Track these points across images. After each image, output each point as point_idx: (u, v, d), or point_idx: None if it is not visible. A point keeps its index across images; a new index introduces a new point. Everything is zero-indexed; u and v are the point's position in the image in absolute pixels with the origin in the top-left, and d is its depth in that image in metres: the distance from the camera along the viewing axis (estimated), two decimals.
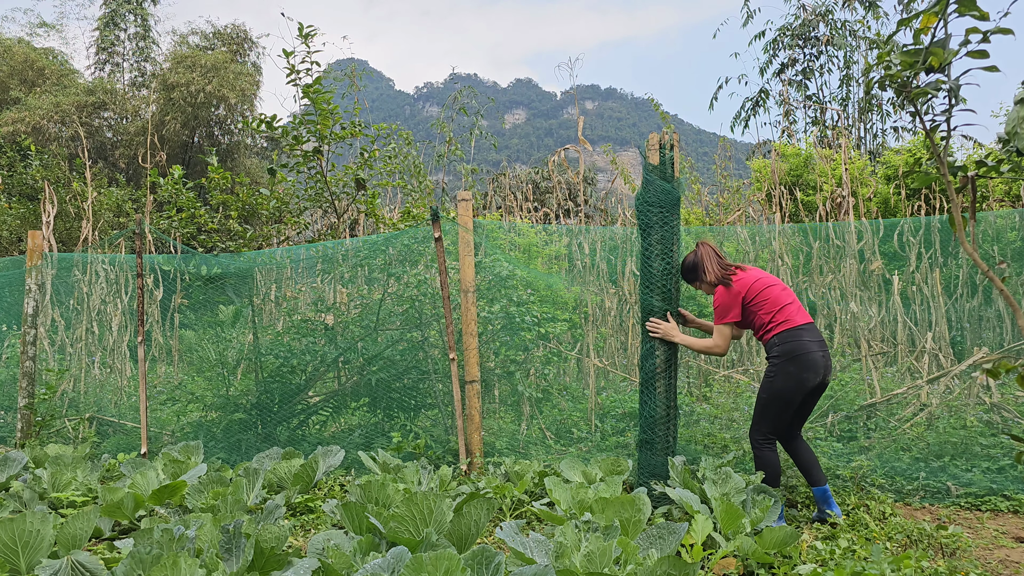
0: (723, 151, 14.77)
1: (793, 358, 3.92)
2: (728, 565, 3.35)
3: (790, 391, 3.93)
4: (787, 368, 3.92)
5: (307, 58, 7.93)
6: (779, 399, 3.96)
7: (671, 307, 4.38)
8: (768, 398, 3.99)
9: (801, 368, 3.91)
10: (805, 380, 3.92)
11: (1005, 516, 4.32)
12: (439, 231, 5.49)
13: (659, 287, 4.35)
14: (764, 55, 19.88)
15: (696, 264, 4.28)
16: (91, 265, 7.73)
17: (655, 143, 4.46)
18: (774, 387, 3.96)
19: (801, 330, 3.98)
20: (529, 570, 2.64)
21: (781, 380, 3.94)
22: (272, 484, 4.84)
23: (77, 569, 3.06)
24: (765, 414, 4.03)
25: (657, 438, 4.34)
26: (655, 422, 4.34)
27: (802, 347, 3.92)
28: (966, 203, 3.50)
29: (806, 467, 4.10)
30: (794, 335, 3.96)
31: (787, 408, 3.98)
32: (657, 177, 4.41)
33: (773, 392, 3.97)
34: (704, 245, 4.29)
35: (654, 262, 4.36)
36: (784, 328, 3.98)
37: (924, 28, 2.67)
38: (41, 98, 18.58)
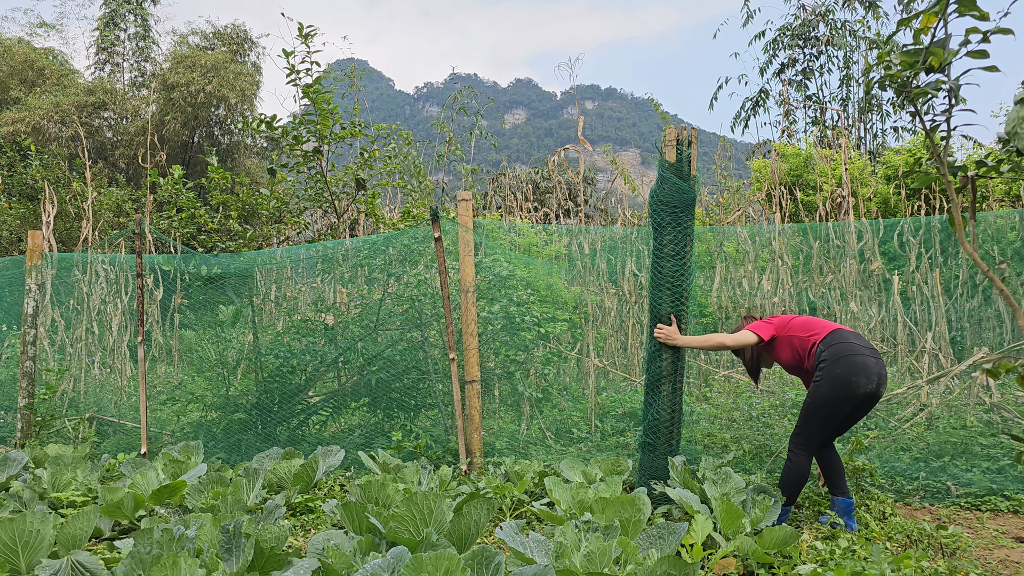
0: (723, 151, 14.78)
1: (839, 359, 3.68)
2: (728, 565, 3.35)
3: (837, 398, 3.67)
4: (833, 371, 3.67)
5: (307, 58, 7.93)
6: (824, 406, 3.71)
7: (681, 309, 4.28)
8: (812, 403, 3.76)
9: (849, 371, 3.64)
10: (854, 385, 3.64)
11: (1005, 516, 4.32)
12: (439, 231, 5.49)
13: (669, 288, 4.26)
14: (764, 55, 19.89)
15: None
16: (91, 265, 7.73)
17: (672, 139, 4.29)
18: (819, 393, 3.72)
19: (846, 334, 3.83)
20: (529, 570, 2.64)
21: (827, 386, 3.69)
22: (272, 484, 4.84)
23: (77, 569, 3.06)
24: (809, 420, 3.79)
25: (660, 441, 4.31)
26: (659, 425, 4.30)
27: (849, 348, 3.71)
28: (966, 203, 3.50)
29: (833, 476, 4.00)
30: (840, 337, 3.80)
31: (833, 416, 3.74)
32: (673, 175, 4.26)
33: (817, 399, 3.73)
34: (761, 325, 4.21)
35: (665, 263, 4.25)
36: (827, 333, 3.85)
37: (924, 28, 2.67)
38: (41, 98, 18.58)
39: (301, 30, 7.88)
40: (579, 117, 14.34)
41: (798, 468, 3.87)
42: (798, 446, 3.86)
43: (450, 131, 16.27)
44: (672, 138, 4.31)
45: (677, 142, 4.31)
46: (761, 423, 5.77)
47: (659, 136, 4.45)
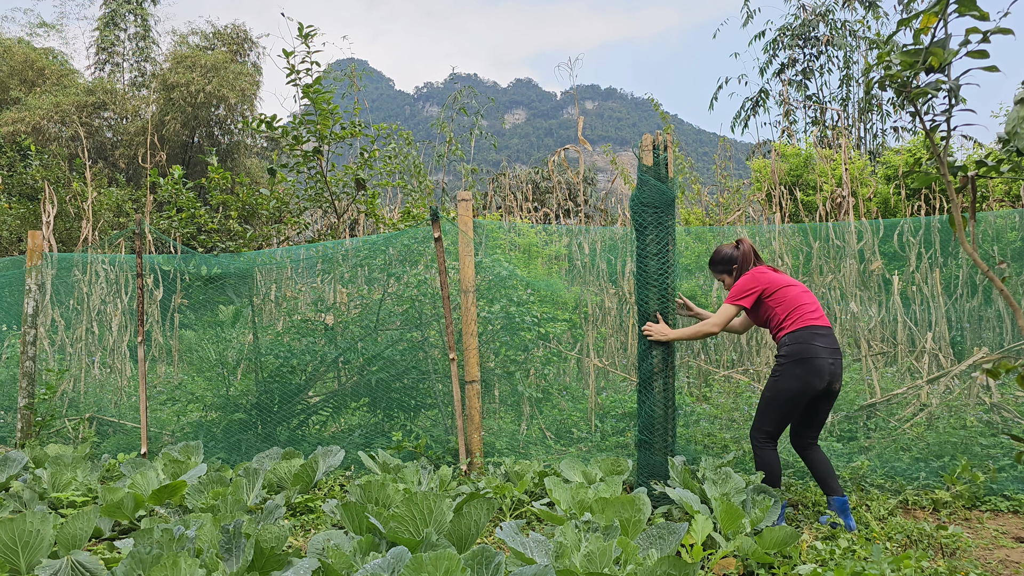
0: (723, 151, 14.78)
1: (800, 360, 3.87)
2: (728, 565, 3.35)
3: (796, 391, 3.88)
4: (793, 370, 3.88)
5: (307, 58, 7.93)
6: (783, 400, 3.91)
7: (668, 306, 4.36)
8: (771, 397, 3.96)
9: (807, 372, 3.85)
10: (810, 384, 3.86)
11: (1005, 516, 4.33)
12: (439, 231, 5.49)
13: (655, 286, 4.35)
14: (764, 55, 19.88)
15: (733, 258, 4.24)
16: (91, 265, 7.73)
17: (648, 144, 4.46)
18: (778, 387, 3.93)
19: (814, 333, 3.91)
20: (529, 570, 2.64)
21: (786, 381, 3.90)
22: (272, 484, 4.84)
23: (77, 569, 3.06)
24: (768, 413, 3.98)
25: (656, 439, 4.33)
26: (653, 422, 4.33)
27: (811, 351, 3.86)
28: (966, 203, 3.50)
29: (823, 477, 4.02)
30: (805, 337, 3.90)
31: (791, 410, 3.94)
32: (652, 177, 4.42)
33: (777, 392, 3.93)
34: (745, 242, 4.26)
35: (650, 262, 4.36)
36: (796, 328, 3.93)
37: (924, 28, 2.67)
38: (41, 98, 18.58)
39: (301, 30, 7.88)
40: (579, 117, 14.34)
41: (767, 460, 4.02)
42: (761, 439, 4.03)
43: (450, 131, 16.26)
44: (648, 143, 4.47)
45: (654, 147, 4.47)
46: None
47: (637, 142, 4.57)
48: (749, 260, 4.22)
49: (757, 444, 4.05)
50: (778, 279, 4.09)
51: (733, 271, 4.25)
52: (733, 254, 4.25)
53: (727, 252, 4.27)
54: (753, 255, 4.25)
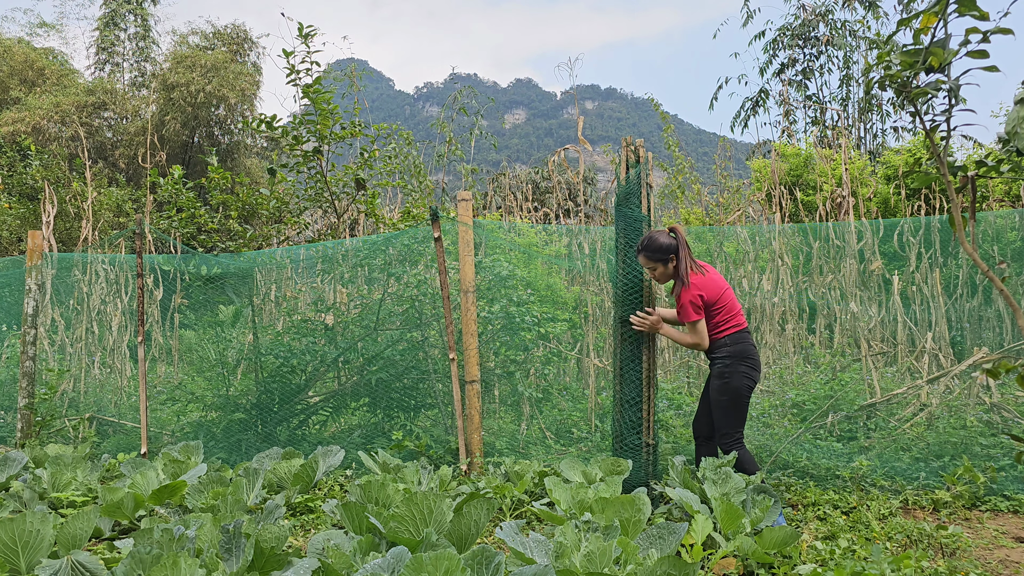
0: (723, 151, 14.78)
1: (744, 358, 4.14)
2: (728, 565, 3.35)
3: (746, 388, 4.14)
4: (739, 367, 4.13)
5: (307, 58, 7.93)
6: (739, 396, 4.13)
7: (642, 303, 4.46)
8: (730, 399, 4.14)
9: (751, 367, 4.15)
10: (754, 378, 4.17)
11: (1005, 516, 4.32)
12: (439, 231, 5.49)
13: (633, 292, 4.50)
14: (764, 55, 19.87)
15: (671, 248, 4.20)
16: (91, 265, 7.73)
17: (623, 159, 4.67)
18: (732, 386, 4.13)
19: (747, 333, 4.25)
20: (529, 570, 2.64)
21: (737, 380, 4.12)
22: (272, 484, 4.84)
23: (77, 569, 3.06)
24: (731, 415, 4.16)
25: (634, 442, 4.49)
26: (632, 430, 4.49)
27: (749, 349, 4.18)
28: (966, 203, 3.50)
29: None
30: (742, 337, 4.19)
31: (746, 404, 4.17)
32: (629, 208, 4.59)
33: (732, 392, 4.13)
34: (679, 231, 4.26)
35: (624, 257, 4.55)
36: (736, 330, 4.19)
37: (924, 28, 2.67)
38: (41, 98, 18.58)
39: (301, 30, 7.88)
40: (579, 117, 14.34)
41: (744, 458, 4.16)
42: (732, 442, 4.17)
43: (450, 131, 16.26)
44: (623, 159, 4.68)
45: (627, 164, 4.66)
46: (761, 423, 5.77)
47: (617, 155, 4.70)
48: (686, 251, 4.23)
49: (728, 449, 4.16)
50: (718, 283, 4.22)
51: (670, 261, 4.21)
52: (671, 244, 4.20)
53: (665, 241, 4.20)
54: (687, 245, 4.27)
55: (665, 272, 4.24)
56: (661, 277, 4.28)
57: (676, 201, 14.99)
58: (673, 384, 6.88)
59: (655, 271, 4.27)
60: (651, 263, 4.25)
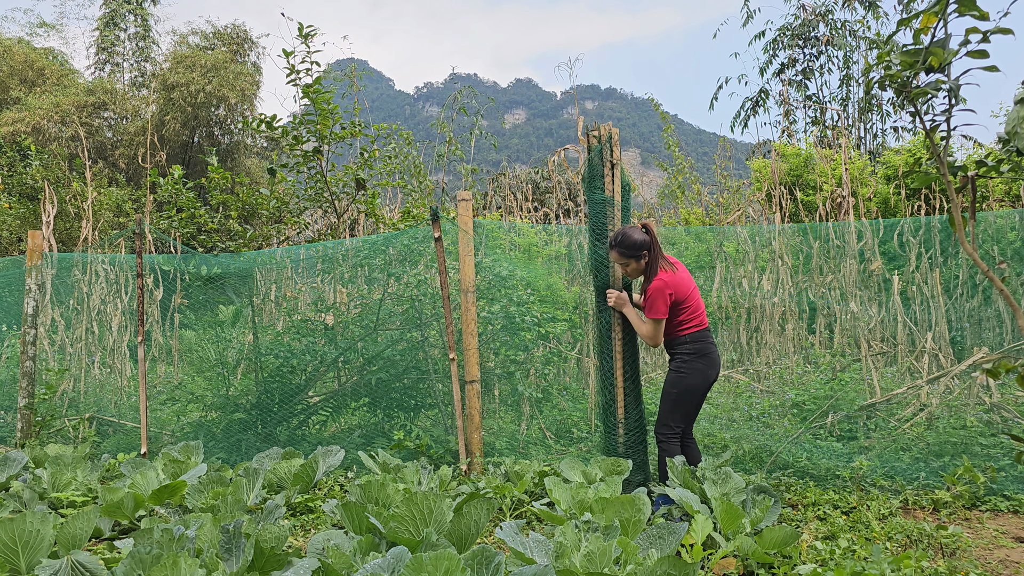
0: (723, 151, 14.78)
1: (703, 356, 4.26)
2: (728, 565, 3.35)
3: (699, 386, 4.25)
4: (697, 364, 4.25)
5: (307, 58, 7.93)
6: (690, 393, 4.24)
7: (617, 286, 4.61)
8: (679, 393, 4.25)
9: (708, 365, 4.27)
10: (710, 376, 4.28)
11: (1005, 516, 4.32)
12: (439, 231, 5.49)
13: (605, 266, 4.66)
14: (764, 55, 19.86)
15: (645, 244, 4.26)
16: (91, 265, 7.73)
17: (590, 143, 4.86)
18: (685, 382, 4.23)
19: (708, 332, 4.36)
20: (529, 570, 2.64)
21: (691, 377, 4.23)
22: (272, 484, 4.84)
23: (77, 569, 3.06)
24: (676, 409, 4.27)
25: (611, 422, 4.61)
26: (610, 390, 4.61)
27: (709, 347, 4.30)
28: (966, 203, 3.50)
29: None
30: (704, 336, 4.31)
31: (695, 401, 4.30)
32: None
33: (684, 387, 4.24)
34: (651, 227, 4.34)
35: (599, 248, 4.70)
36: (698, 329, 4.30)
37: (924, 28, 2.67)
38: (41, 98, 18.58)
39: (301, 30, 7.88)
40: (579, 117, 14.34)
41: (673, 453, 4.28)
42: (669, 434, 4.29)
43: (450, 131, 16.26)
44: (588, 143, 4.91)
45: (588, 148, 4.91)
46: (761, 423, 5.77)
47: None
48: (658, 248, 4.31)
49: (664, 439, 4.28)
50: (685, 282, 4.30)
51: (642, 257, 4.28)
52: (645, 240, 4.26)
53: (638, 238, 4.27)
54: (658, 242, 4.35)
55: (637, 268, 4.33)
56: (633, 273, 4.38)
57: (676, 201, 14.99)
58: None
59: (627, 267, 4.36)
60: (623, 259, 4.34)
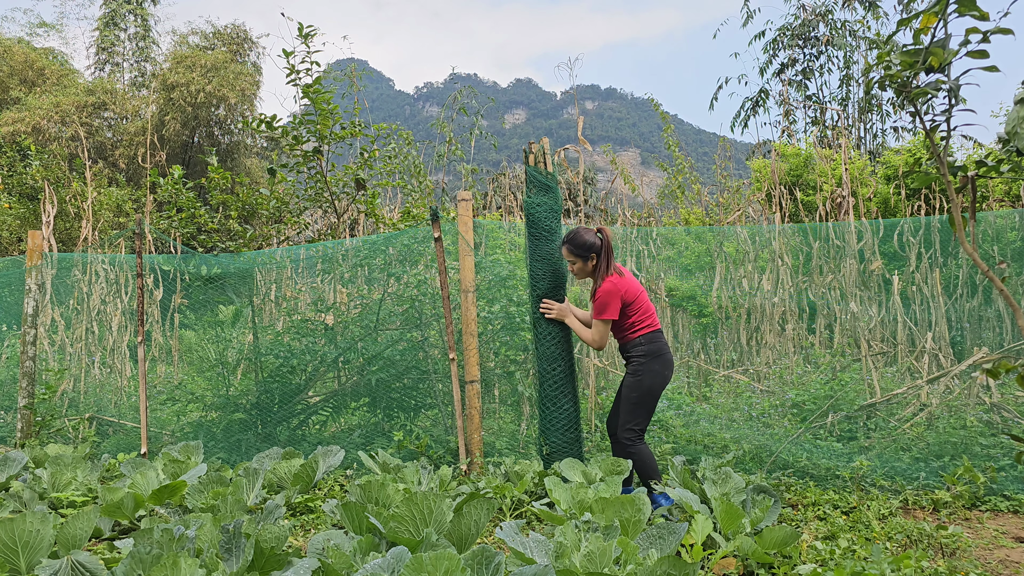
0: (723, 151, 14.78)
1: (657, 357, 4.36)
2: (728, 565, 3.35)
3: (657, 386, 4.35)
4: (652, 366, 4.34)
5: (307, 58, 7.93)
6: (649, 394, 4.34)
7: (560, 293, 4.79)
8: (639, 396, 4.34)
9: (663, 366, 4.37)
10: (666, 377, 4.39)
11: (1005, 516, 4.32)
12: (439, 231, 5.49)
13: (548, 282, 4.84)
14: (764, 55, 19.86)
15: (593, 246, 4.41)
16: (91, 265, 7.73)
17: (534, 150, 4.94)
18: (644, 385, 4.33)
19: (660, 333, 4.46)
20: (529, 570, 2.64)
21: (649, 378, 4.33)
22: (272, 484, 4.84)
23: (77, 569, 3.06)
24: (638, 411, 4.36)
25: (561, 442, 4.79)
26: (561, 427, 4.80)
27: (662, 348, 4.40)
28: (966, 203, 3.50)
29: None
30: (656, 337, 4.41)
31: (654, 402, 4.40)
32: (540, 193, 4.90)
33: (643, 389, 4.33)
34: (606, 232, 4.46)
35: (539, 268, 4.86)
36: (650, 330, 4.40)
37: (924, 28, 2.67)
38: (41, 98, 18.58)
39: (301, 30, 7.88)
40: (579, 117, 14.33)
41: (643, 453, 4.38)
42: (633, 437, 4.38)
43: (450, 131, 16.26)
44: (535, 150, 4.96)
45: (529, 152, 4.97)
46: (761, 423, 5.77)
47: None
48: (610, 252, 4.43)
49: (630, 442, 4.37)
50: (634, 287, 4.44)
51: (590, 259, 4.43)
52: (594, 243, 4.42)
53: (588, 239, 4.42)
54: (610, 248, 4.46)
55: (583, 268, 4.48)
56: (579, 272, 4.51)
57: (676, 201, 14.99)
58: (673, 384, 6.88)
59: (574, 265, 4.50)
60: (571, 256, 4.49)
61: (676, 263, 8.77)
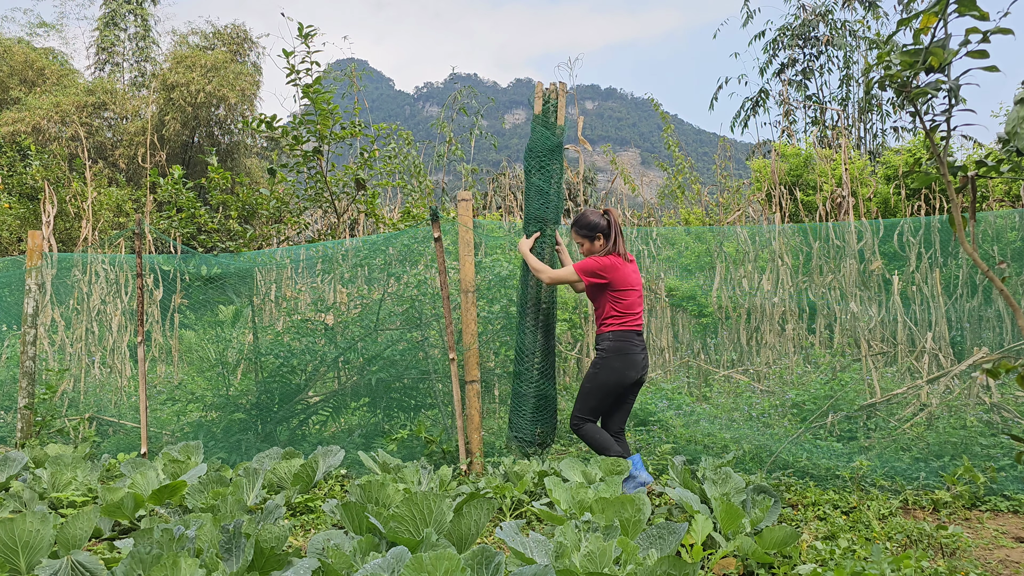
0: (723, 151, 14.78)
1: (621, 355, 4.44)
2: (728, 565, 3.35)
3: (612, 383, 4.45)
4: (613, 363, 4.44)
5: (307, 58, 7.93)
6: (602, 389, 4.46)
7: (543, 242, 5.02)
8: (592, 387, 4.47)
9: (625, 365, 4.44)
10: (626, 376, 4.46)
11: (1005, 516, 4.32)
12: (439, 231, 5.49)
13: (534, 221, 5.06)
14: (764, 55, 19.86)
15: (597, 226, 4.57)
16: (91, 265, 7.73)
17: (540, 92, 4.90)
18: (599, 378, 4.46)
19: (634, 335, 4.49)
20: (529, 570, 2.64)
21: (605, 373, 4.44)
22: (272, 484, 4.84)
23: (77, 569, 3.06)
24: (588, 401, 4.50)
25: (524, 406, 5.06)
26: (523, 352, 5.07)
27: (631, 348, 4.46)
28: (966, 203, 3.50)
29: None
30: (627, 337, 4.47)
31: (607, 397, 4.49)
32: (540, 124, 4.94)
33: (598, 382, 4.46)
34: (613, 214, 4.59)
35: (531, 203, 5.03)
36: (622, 328, 4.46)
37: (924, 28, 2.67)
38: (41, 98, 18.58)
39: (301, 30, 7.88)
40: (579, 117, 14.33)
41: (591, 431, 4.53)
42: (579, 421, 4.53)
43: (450, 131, 16.25)
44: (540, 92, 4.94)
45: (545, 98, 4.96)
46: (761, 423, 5.77)
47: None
48: (618, 233, 4.58)
49: (578, 425, 4.53)
50: (629, 279, 4.53)
51: (596, 238, 4.59)
52: (599, 223, 4.57)
53: (593, 219, 4.58)
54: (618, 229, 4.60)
55: (591, 249, 4.60)
56: (588, 255, 4.64)
57: (676, 201, 14.99)
58: (673, 384, 6.88)
59: (582, 247, 4.64)
60: (579, 238, 4.64)
61: (676, 263, 8.77)
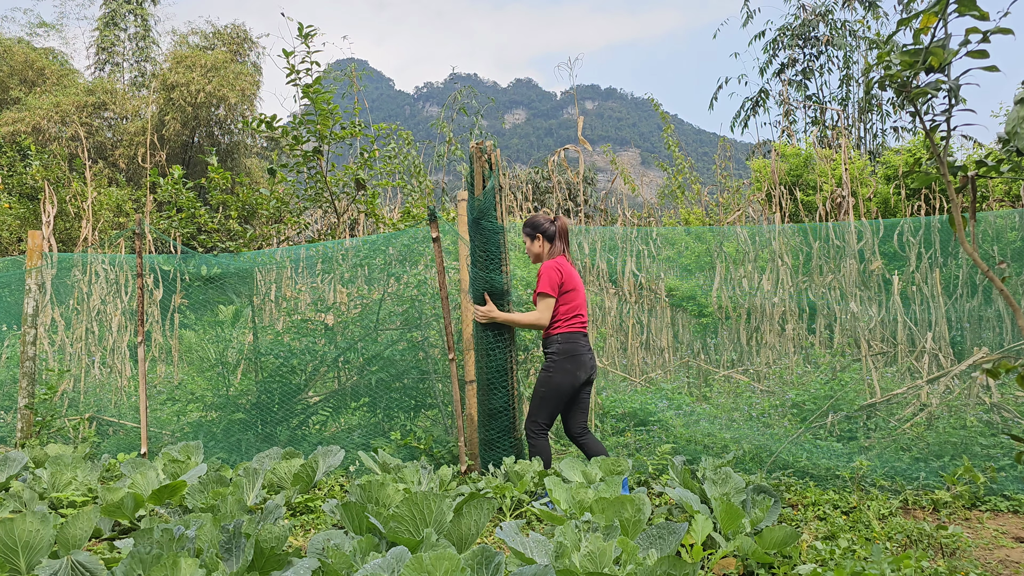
0: (723, 151, 14.79)
1: (571, 357, 4.53)
2: (728, 565, 3.35)
3: (567, 385, 4.52)
4: (565, 366, 4.52)
5: (307, 58, 7.93)
6: (556, 393, 4.52)
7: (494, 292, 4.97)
8: (547, 392, 4.53)
9: (576, 366, 4.53)
10: (578, 377, 4.55)
11: (1005, 516, 4.32)
12: (437, 231, 5.49)
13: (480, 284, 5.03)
14: (764, 55, 19.87)
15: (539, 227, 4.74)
16: (91, 265, 7.73)
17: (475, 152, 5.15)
18: (553, 382, 4.52)
19: (581, 336, 4.61)
20: (529, 570, 2.64)
21: (558, 376, 4.51)
22: (272, 484, 4.84)
23: (77, 569, 3.06)
24: (544, 406, 4.55)
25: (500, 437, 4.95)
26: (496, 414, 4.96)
27: (578, 349, 4.56)
28: (966, 203, 3.50)
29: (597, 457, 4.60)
30: (575, 339, 4.58)
31: (563, 400, 4.56)
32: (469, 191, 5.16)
33: (551, 386, 4.52)
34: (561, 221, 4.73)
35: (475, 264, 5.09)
36: (570, 330, 4.57)
37: (924, 28, 2.67)
38: (41, 98, 18.59)
39: (301, 30, 7.88)
40: (579, 117, 14.32)
41: (542, 447, 4.60)
42: (537, 430, 4.58)
43: (450, 131, 16.26)
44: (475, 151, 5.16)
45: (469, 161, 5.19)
46: (761, 423, 5.77)
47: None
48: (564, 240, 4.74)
49: (532, 435, 4.58)
50: (576, 280, 4.66)
51: (536, 238, 4.77)
52: (542, 223, 4.75)
53: (540, 221, 4.78)
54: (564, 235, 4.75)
55: (530, 248, 4.79)
56: (529, 253, 4.84)
57: (676, 201, 14.99)
58: (673, 384, 6.88)
59: (527, 245, 4.83)
60: (524, 236, 4.84)
61: (676, 263, 8.78)
